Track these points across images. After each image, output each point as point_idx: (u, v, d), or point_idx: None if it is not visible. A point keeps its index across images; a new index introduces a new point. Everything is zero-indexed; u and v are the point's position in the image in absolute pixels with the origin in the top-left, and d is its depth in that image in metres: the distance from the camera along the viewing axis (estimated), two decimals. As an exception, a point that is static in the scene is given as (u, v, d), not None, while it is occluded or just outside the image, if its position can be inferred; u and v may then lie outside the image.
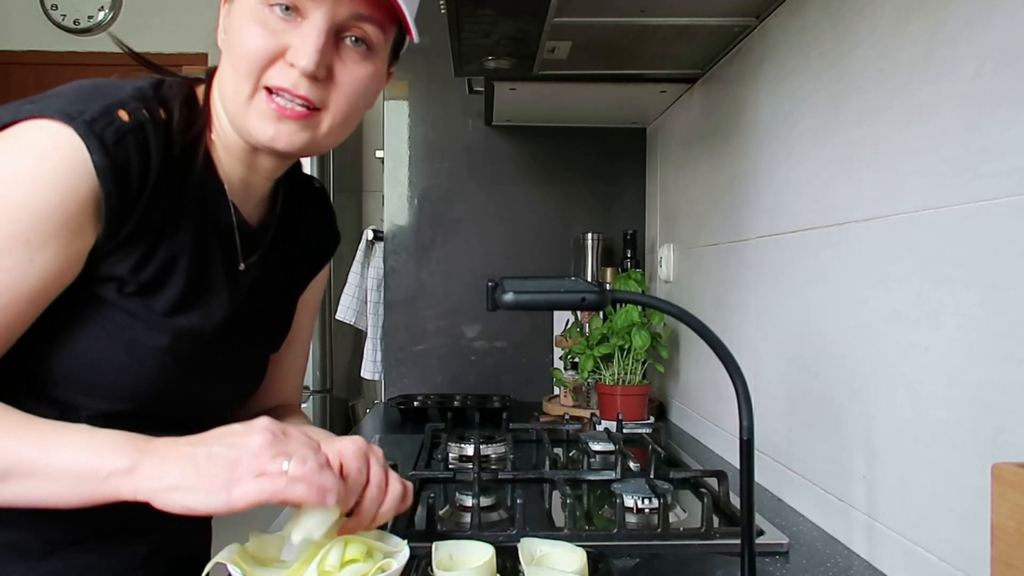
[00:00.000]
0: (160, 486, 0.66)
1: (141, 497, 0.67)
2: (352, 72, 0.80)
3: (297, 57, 0.76)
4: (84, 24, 3.58)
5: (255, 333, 0.96)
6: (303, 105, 0.78)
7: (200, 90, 0.86)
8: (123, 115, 0.73)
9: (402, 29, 0.83)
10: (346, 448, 0.78)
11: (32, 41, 3.58)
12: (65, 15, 3.58)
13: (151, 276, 0.79)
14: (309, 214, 1.03)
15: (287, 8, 0.76)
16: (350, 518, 0.76)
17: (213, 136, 0.85)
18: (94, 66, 3.53)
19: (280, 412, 1.04)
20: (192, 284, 0.83)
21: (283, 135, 0.80)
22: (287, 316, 1.04)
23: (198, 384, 0.88)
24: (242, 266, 0.91)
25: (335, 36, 0.78)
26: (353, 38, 0.79)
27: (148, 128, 0.75)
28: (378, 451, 0.82)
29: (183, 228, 0.82)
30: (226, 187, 0.86)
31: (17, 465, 0.67)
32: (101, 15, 3.58)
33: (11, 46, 3.56)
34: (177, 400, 0.86)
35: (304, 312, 1.07)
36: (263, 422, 0.70)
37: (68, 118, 0.70)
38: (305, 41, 0.76)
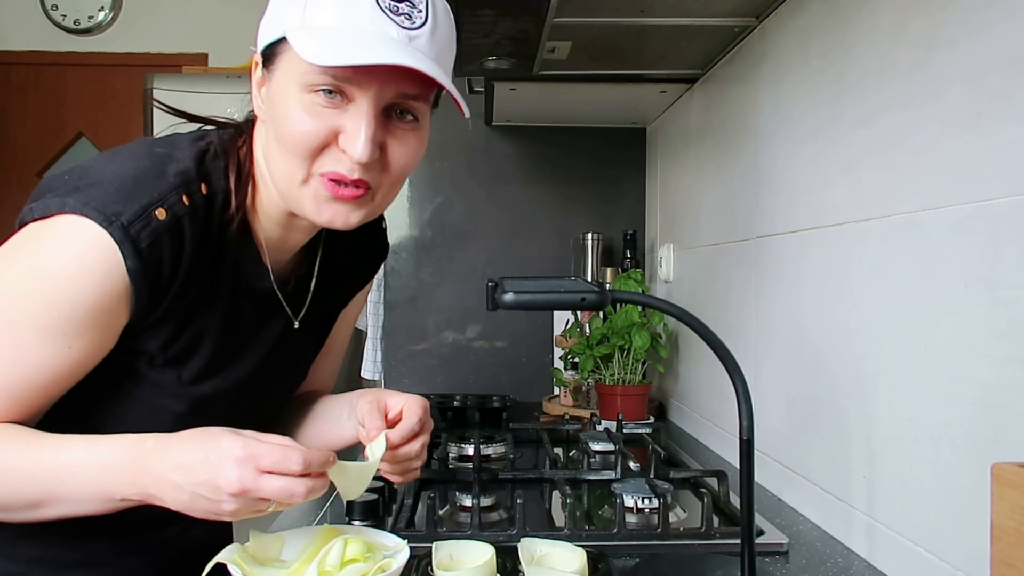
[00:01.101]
0: (167, 504, 0.72)
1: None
2: (404, 146, 0.80)
3: (350, 148, 0.76)
4: (84, 24, 3.58)
5: (283, 378, 0.99)
6: (358, 186, 0.79)
7: (243, 148, 0.85)
8: (160, 214, 0.74)
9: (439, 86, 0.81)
10: (413, 400, 0.90)
11: (32, 41, 3.57)
12: (65, 15, 3.58)
13: (179, 351, 0.82)
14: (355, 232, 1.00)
15: (331, 92, 0.75)
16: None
17: (254, 201, 0.85)
18: (94, 66, 3.54)
19: (314, 396, 1.07)
20: (218, 354, 0.85)
21: (340, 216, 0.81)
22: (320, 345, 1.04)
23: (215, 418, 0.90)
24: (296, 324, 0.93)
25: (383, 114, 0.78)
26: (399, 110, 0.79)
27: (185, 223, 0.76)
28: (430, 423, 0.91)
29: (215, 302, 0.83)
30: (264, 250, 0.87)
31: (45, 495, 0.74)
32: (101, 15, 3.58)
33: (11, 46, 3.56)
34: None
35: (343, 324, 1.07)
36: (229, 453, 0.70)
37: (106, 222, 0.72)
38: (356, 130, 0.76)
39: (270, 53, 0.79)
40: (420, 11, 0.77)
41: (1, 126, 3.51)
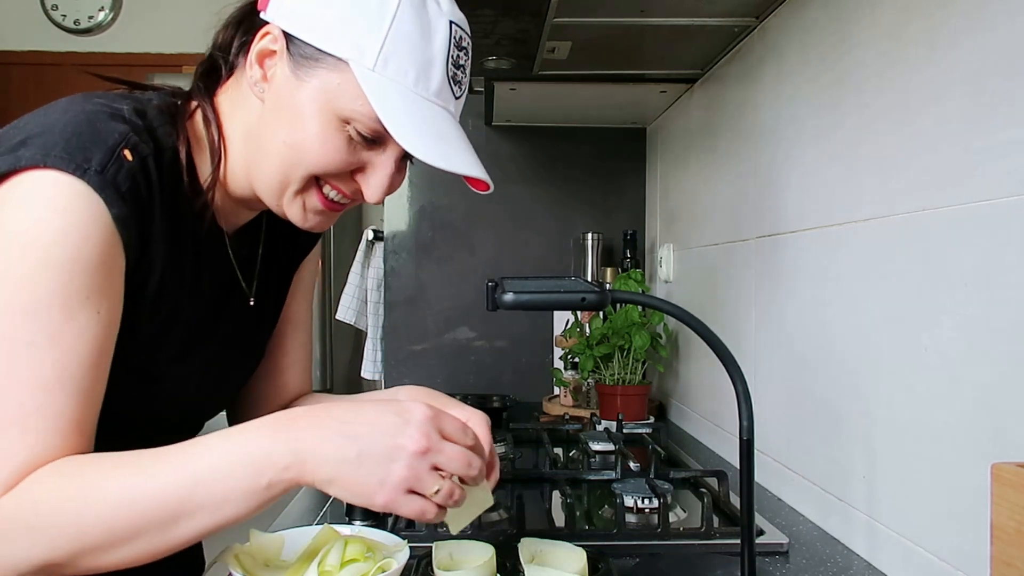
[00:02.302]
0: (318, 479, 0.66)
1: (304, 484, 0.67)
2: (398, 180, 0.81)
3: (369, 190, 0.78)
4: (84, 24, 3.59)
5: (249, 350, 0.96)
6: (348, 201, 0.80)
7: (195, 112, 0.81)
8: (128, 155, 0.69)
9: None
10: (475, 417, 0.79)
11: (32, 41, 3.58)
12: (65, 15, 3.58)
13: (160, 323, 0.77)
14: None
15: (372, 140, 0.76)
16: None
17: (209, 169, 0.80)
18: (94, 66, 3.53)
19: (300, 400, 1.03)
20: (194, 328, 0.82)
21: (323, 224, 0.82)
22: (277, 316, 1.01)
23: (185, 406, 0.88)
24: (252, 300, 0.91)
25: None
26: (406, 157, 0.79)
27: (150, 163, 0.72)
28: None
29: (183, 268, 0.79)
30: (221, 219, 0.84)
31: (181, 509, 0.64)
32: (101, 15, 3.58)
33: (11, 46, 3.56)
34: (162, 420, 0.85)
35: (299, 298, 1.04)
36: (419, 417, 0.67)
37: (79, 170, 0.66)
38: (381, 176, 0.78)
39: (306, 48, 0.74)
40: (466, 76, 0.79)
41: (1, 126, 3.51)
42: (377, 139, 0.76)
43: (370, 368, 2.23)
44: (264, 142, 0.78)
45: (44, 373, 0.65)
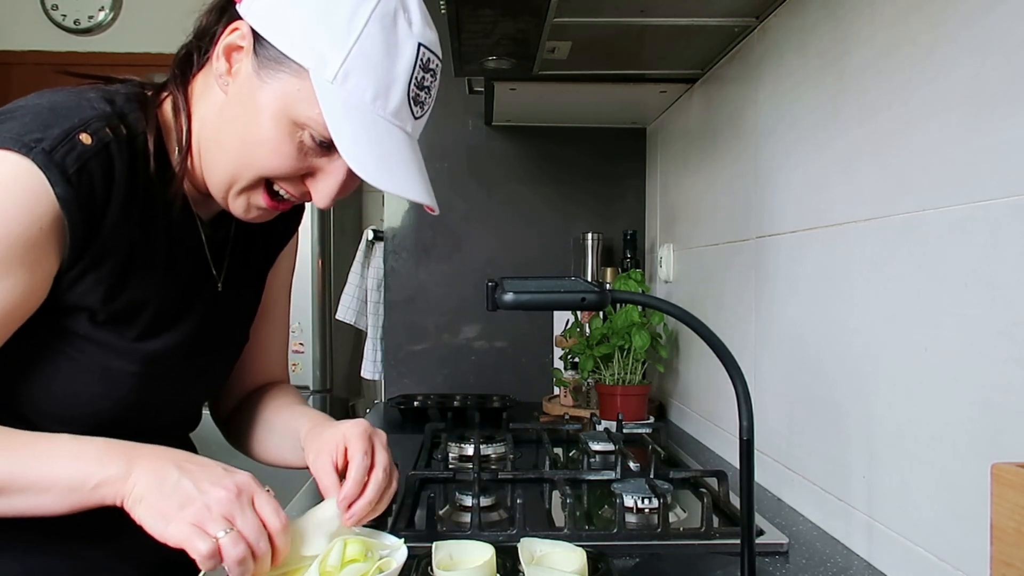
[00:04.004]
0: (133, 494, 0.69)
1: (120, 503, 0.69)
2: (350, 185, 0.81)
3: (319, 195, 0.79)
4: (84, 24, 3.58)
5: (228, 336, 0.97)
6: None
7: (165, 100, 0.82)
8: (85, 138, 0.71)
9: None
10: (350, 431, 0.83)
11: (32, 41, 3.57)
12: (65, 15, 3.58)
13: (123, 307, 0.78)
14: None
15: (326, 145, 0.76)
16: (354, 503, 0.79)
17: (177, 157, 0.81)
18: (94, 66, 3.53)
19: (269, 391, 1.05)
20: (164, 309, 0.83)
21: (262, 218, 0.83)
22: (255, 305, 1.02)
23: (172, 395, 0.89)
24: (220, 286, 0.91)
25: None
26: None
27: (112, 148, 0.73)
28: (382, 435, 0.85)
29: (153, 253, 0.80)
30: (193, 205, 0.85)
31: (9, 483, 0.68)
32: (101, 15, 3.58)
33: (11, 46, 3.56)
34: (151, 413, 0.86)
35: (276, 286, 1.05)
36: (241, 479, 0.71)
37: (26, 148, 0.68)
38: (331, 183, 0.78)
39: (271, 51, 0.75)
40: (430, 97, 0.80)
41: (1, 126, 3.50)
42: (330, 146, 0.76)
43: (370, 368, 2.23)
44: (219, 135, 0.79)
45: None
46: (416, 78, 0.76)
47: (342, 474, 0.82)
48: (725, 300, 1.50)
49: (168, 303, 0.83)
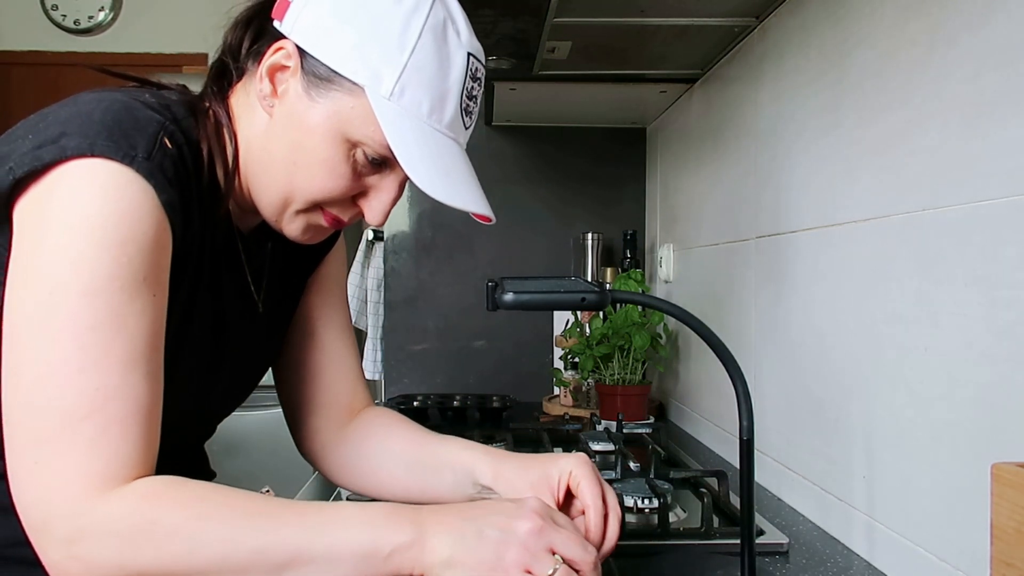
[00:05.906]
0: (437, 560, 0.65)
1: (419, 571, 0.66)
2: (397, 199, 0.81)
3: (372, 214, 0.78)
4: (84, 24, 3.58)
5: (262, 355, 0.95)
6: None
7: (210, 112, 0.79)
8: (168, 143, 0.69)
9: None
10: (578, 469, 0.79)
11: (32, 41, 3.57)
12: (65, 15, 3.58)
13: (177, 323, 0.74)
14: None
15: (378, 162, 0.75)
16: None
17: (224, 172, 0.79)
18: (94, 67, 3.53)
19: (376, 420, 0.99)
20: (204, 327, 0.80)
21: (319, 237, 0.82)
22: (288, 322, 0.98)
23: (195, 408, 0.86)
24: (260, 308, 0.89)
25: None
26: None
27: (185, 152, 0.71)
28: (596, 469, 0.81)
29: (201, 266, 0.78)
30: (235, 219, 0.83)
31: (297, 554, 0.64)
32: (101, 15, 3.58)
33: (11, 46, 3.56)
34: (175, 426, 0.80)
35: (324, 294, 0.99)
36: (534, 504, 0.69)
37: (127, 158, 0.65)
38: (385, 201, 0.78)
39: (321, 68, 0.72)
40: (477, 107, 0.79)
41: (1, 126, 3.51)
42: (383, 162, 0.76)
43: (370, 368, 2.23)
44: (269, 157, 0.76)
45: (115, 355, 0.63)
46: (467, 88, 0.76)
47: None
48: (725, 300, 1.50)
49: (207, 320, 0.80)
